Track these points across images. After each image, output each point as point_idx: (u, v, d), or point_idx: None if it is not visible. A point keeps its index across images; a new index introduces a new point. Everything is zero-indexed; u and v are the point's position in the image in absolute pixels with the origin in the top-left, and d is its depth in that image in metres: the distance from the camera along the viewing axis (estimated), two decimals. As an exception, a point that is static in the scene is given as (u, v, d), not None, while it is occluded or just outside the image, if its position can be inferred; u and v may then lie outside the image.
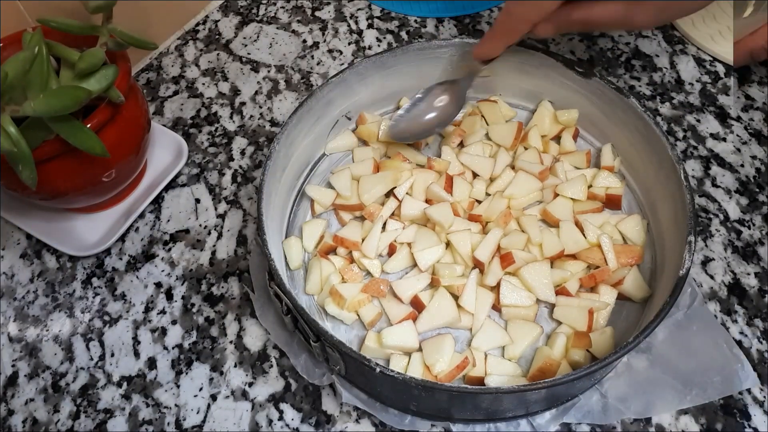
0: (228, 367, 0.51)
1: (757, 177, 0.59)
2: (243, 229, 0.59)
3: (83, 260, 0.58)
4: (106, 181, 0.53)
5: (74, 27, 0.48)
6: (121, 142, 0.51)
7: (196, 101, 0.68)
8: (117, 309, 0.55)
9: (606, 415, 0.46)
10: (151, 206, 0.60)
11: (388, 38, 0.72)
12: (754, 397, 0.48)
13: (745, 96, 0.65)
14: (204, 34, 0.74)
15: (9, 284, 0.57)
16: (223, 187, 0.62)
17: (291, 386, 0.50)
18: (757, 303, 0.52)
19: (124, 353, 0.53)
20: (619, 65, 0.68)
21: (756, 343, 0.50)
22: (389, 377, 0.40)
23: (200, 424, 0.49)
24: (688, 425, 0.47)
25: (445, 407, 0.45)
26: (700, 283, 0.53)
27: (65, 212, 0.59)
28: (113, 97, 0.48)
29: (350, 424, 0.48)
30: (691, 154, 0.61)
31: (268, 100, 0.68)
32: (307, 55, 0.71)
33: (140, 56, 0.71)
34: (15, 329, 0.54)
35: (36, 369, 0.52)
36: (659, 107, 0.64)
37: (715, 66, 0.67)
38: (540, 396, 0.43)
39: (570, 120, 0.58)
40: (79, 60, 0.45)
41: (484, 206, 0.54)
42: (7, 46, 0.51)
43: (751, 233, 0.56)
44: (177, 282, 0.56)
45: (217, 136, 0.65)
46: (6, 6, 0.54)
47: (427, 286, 0.51)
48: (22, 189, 0.50)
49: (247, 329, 0.53)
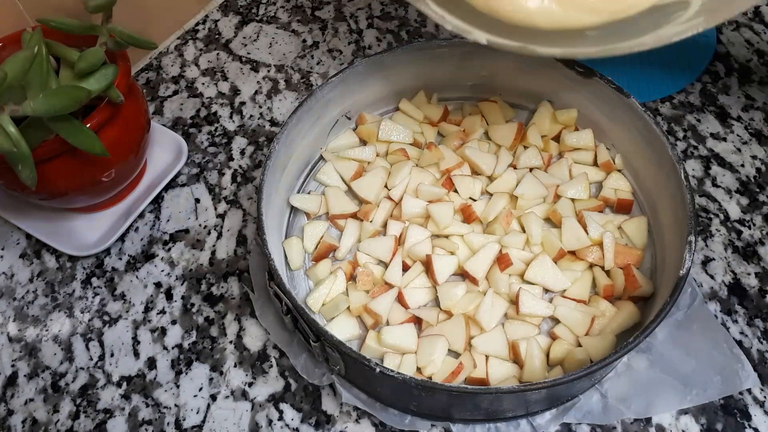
0: (228, 367, 0.51)
1: (757, 177, 0.59)
2: (243, 229, 0.59)
3: (83, 260, 0.58)
4: (106, 180, 0.53)
5: (74, 26, 0.48)
6: (121, 142, 0.51)
7: (195, 101, 0.68)
8: (117, 309, 0.55)
9: (606, 415, 0.46)
10: (150, 206, 0.60)
11: (388, 38, 0.72)
12: (754, 397, 0.48)
13: (746, 96, 0.65)
14: (204, 33, 0.74)
15: (8, 284, 0.57)
16: (223, 186, 0.62)
17: (291, 386, 0.50)
18: (757, 303, 0.52)
19: (124, 353, 0.53)
20: (619, 65, 0.68)
21: (756, 343, 0.50)
22: (389, 377, 0.40)
23: (200, 424, 0.49)
24: (688, 425, 0.47)
25: (445, 407, 0.45)
26: (700, 283, 0.53)
27: (65, 212, 0.59)
28: (113, 96, 0.48)
29: (350, 424, 0.48)
30: (691, 154, 0.61)
31: (267, 99, 0.68)
32: (306, 54, 0.71)
33: (140, 56, 0.71)
34: (14, 329, 0.54)
35: (35, 369, 0.52)
36: (659, 107, 0.64)
37: (715, 66, 0.67)
38: (540, 396, 0.43)
39: (570, 120, 0.58)
40: (79, 60, 0.45)
41: (481, 206, 0.54)
42: (6, 46, 0.51)
43: (752, 233, 0.56)
44: (177, 282, 0.56)
45: (217, 136, 0.65)
46: (5, 5, 0.54)
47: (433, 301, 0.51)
48: (21, 189, 0.50)
49: (247, 329, 0.53)
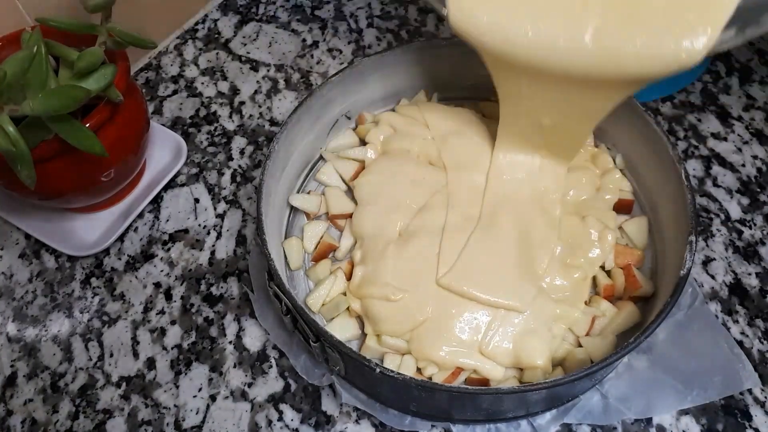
0: (227, 368, 0.51)
1: (758, 177, 0.59)
2: (242, 229, 0.59)
3: (82, 260, 0.57)
4: (105, 180, 0.53)
5: (73, 26, 0.48)
6: (120, 142, 0.51)
7: (195, 101, 0.68)
8: (116, 309, 0.55)
9: (607, 415, 0.46)
10: (150, 206, 0.60)
11: (388, 37, 0.72)
12: (755, 397, 0.48)
13: (746, 95, 0.65)
14: (203, 33, 0.73)
15: (8, 284, 0.57)
16: (223, 186, 0.62)
17: (290, 387, 0.50)
18: (758, 303, 0.52)
19: (123, 353, 0.52)
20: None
21: (757, 344, 0.50)
22: (389, 377, 0.40)
23: (199, 425, 0.49)
24: (688, 425, 0.47)
25: (445, 408, 0.45)
26: (701, 283, 0.53)
27: (64, 212, 0.59)
28: (112, 96, 0.48)
29: (350, 424, 0.48)
30: (692, 154, 0.61)
31: (267, 99, 0.68)
32: (306, 54, 0.71)
33: (139, 55, 0.71)
34: (14, 329, 0.54)
35: (35, 369, 0.52)
36: (660, 106, 0.64)
37: (716, 65, 0.67)
38: (540, 396, 0.43)
39: (570, 119, 0.58)
40: (78, 59, 0.45)
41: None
42: (5, 46, 0.50)
43: (752, 233, 0.56)
44: (176, 282, 0.56)
45: (217, 136, 0.65)
46: (5, 5, 0.54)
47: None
48: (20, 189, 0.50)
49: (247, 329, 0.53)
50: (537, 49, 0.41)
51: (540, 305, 0.47)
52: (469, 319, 0.47)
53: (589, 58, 0.40)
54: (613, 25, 0.39)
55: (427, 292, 0.48)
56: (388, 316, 0.47)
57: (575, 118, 0.47)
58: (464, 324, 0.47)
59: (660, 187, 0.51)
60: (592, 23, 0.39)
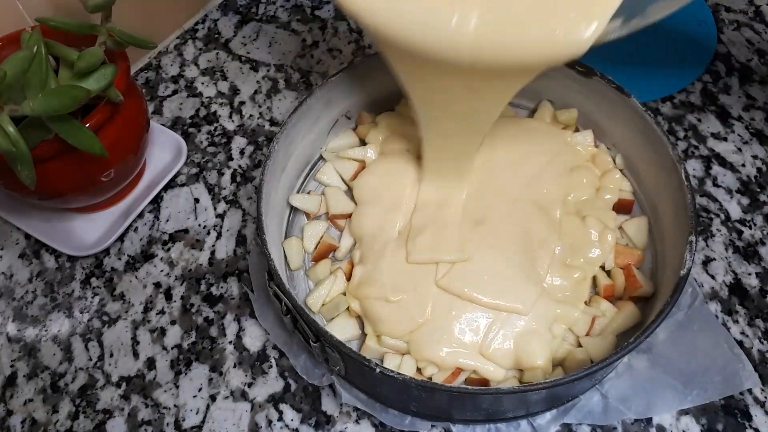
0: (227, 368, 0.51)
1: (758, 177, 0.59)
2: (242, 229, 0.59)
3: (82, 260, 0.57)
4: (105, 180, 0.53)
5: (73, 26, 0.48)
6: (120, 142, 0.51)
7: (195, 100, 0.68)
8: (116, 309, 0.55)
9: (607, 415, 0.46)
10: (150, 206, 0.60)
11: (388, 37, 0.72)
12: (755, 397, 0.48)
13: (746, 95, 0.65)
14: (203, 33, 0.73)
15: (7, 284, 0.56)
16: (223, 186, 0.62)
17: (290, 387, 0.50)
18: (758, 303, 0.52)
19: (123, 353, 0.52)
20: (619, 64, 0.68)
21: (757, 344, 0.50)
22: (389, 377, 0.40)
23: (199, 425, 0.49)
24: (689, 425, 0.47)
25: (445, 408, 0.45)
26: (701, 283, 0.53)
27: (64, 212, 0.59)
28: (112, 96, 0.48)
29: (350, 424, 0.48)
30: (692, 154, 0.61)
31: (267, 99, 0.68)
32: (306, 54, 0.71)
33: (139, 55, 0.71)
34: (14, 329, 0.54)
35: (35, 369, 0.52)
36: (660, 106, 0.64)
37: (716, 65, 0.67)
38: (540, 396, 0.43)
39: (570, 119, 0.58)
40: (78, 59, 0.45)
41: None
42: (5, 46, 0.50)
43: (752, 233, 0.56)
44: (176, 282, 0.56)
45: (217, 136, 0.65)
46: (5, 5, 0.54)
47: None
48: (20, 189, 0.50)
49: (247, 329, 0.53)
50: (417, 30, 0.39)
51: (541, 306, 0.47)
52: (469, 320, 0.47)
53: (472, 44, 0.38)
54: (499, 12, 0.38)
55: (426, 293, 0.48)
56: (388, 317, 0.47)
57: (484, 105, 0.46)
58: (464, 325, 0.47)
59: (660, 187, 0.51)
60: (477, 9, 0.38)
